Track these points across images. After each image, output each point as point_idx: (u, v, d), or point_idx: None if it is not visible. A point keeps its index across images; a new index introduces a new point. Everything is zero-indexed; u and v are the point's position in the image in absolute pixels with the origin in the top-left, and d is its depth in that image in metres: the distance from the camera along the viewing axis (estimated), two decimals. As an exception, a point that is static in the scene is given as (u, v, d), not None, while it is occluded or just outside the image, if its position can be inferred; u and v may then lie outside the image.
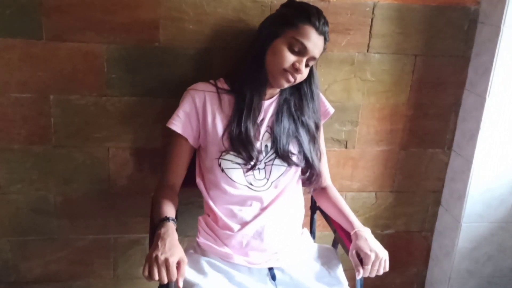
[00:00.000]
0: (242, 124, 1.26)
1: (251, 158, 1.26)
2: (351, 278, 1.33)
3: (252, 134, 1.26)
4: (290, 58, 1.21)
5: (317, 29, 1.20)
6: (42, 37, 1.37)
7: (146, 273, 1.05)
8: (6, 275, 1.63)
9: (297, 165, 1.32)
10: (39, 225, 1.58)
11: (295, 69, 1.21)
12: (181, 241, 1.63)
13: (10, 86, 1.41)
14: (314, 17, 1.21)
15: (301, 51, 1.21)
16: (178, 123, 1.29)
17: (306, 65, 1.24)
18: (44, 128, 1.47)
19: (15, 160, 1.49)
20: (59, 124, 1.47)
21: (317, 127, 1.35)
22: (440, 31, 1.56)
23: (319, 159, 1.36)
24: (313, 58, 1.24)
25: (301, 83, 1.30)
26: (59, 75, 1.42)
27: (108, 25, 1.39)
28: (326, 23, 1.24)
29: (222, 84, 1.33)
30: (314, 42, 1.20)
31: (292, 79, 1.24)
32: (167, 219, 1.17)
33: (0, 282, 1.63)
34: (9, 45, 1.37)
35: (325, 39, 1.24)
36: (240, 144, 1.26)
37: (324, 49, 1.27)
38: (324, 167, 1.42)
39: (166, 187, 1.31)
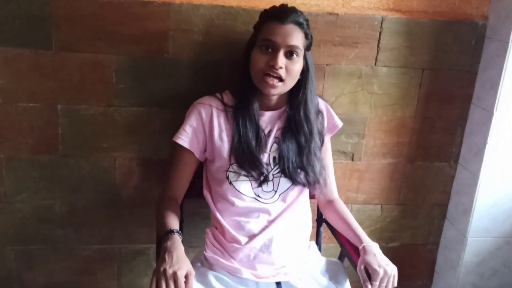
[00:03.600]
0: (242, 141, 1.26)
1: (260, 175, 1.26)
2: (357, 292, 1.33)
3: (255, 149, 1.26)
4: (263, 59, 1.20)
5: (280, 20, 1.19)
6: (51, 47, 1.38)
7: (154, 287, 1.04)
8: (10, 284, 1.62)
9: (302, 183, 1.32)
10: (44, 234, 1.57)
11: (270, 67, 1.19)
12: (186, 251, 1.62)
13: (18, 95, 1.41)
14: (275, 12, 1.22)
15: (273, 48, 1.20)
16: (185, 138, 1.29)
17: (290, 59, 1.21)
18: (52, 137, 1.47)
19: (21, 169, 1.49)
20: (66, 134, 1.47)
21: (312, 135, 1.31)
22: (447, 46, 1.57)
23: (320, 171, 1.33)
24: (292, 48, 1.20)
25: (297, 92, 1.27)
26: (68, 85, 1.42)
27: (118, 36, 1.39)
28: (291, 11, 1.21)
29: (228, 97, 1.33)
30: (281, 33, 1.19)
31: (273, 82, 1.21)
32: (172, 231, 1.16)
33: (4, 291, 1.63)
34: (19, 55, 1.37)
35: (299, 25, 1.21)
36: (247, 162, 1.26)
37: (307, 35, 1.23)
38: (331, 180, 1.41)
39: (169, 199, 1.31)
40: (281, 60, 1.20)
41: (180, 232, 1.18)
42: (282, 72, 1.21)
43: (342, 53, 1.52)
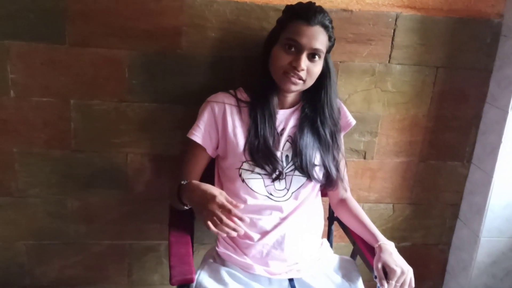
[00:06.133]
0: (259, 135, 1.25)
1: (274, 170, 1.26)
2: (369, 291, 1.33)
3: (271, 144, 1.26)
4: (286, 59, 1.19)
5: (308, 21, 1.17)
6: (65, 42, 1.38)
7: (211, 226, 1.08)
8: (21, 278, 1.62)
9: (317, 180, 1.31)
10: (56, 229, 1.58)
11: (293, 67, 1.19)
12: (197, 248, 1.64)
13: (31, 90, 1.41)
14: (302, 11, 1.19)
15: (297, 48, 1.19)
16: (199, 134, 1.29)
17: (312, 61, 1.20)
18: (64, 132, 1.47)
19: (34, 164, 1.49)
20: (79, 129, 1.47)
21: (334, 136, 1.33)
22: (462, 44, 1.55)
23: (337, 169, 1.34)
24: (316, 51, 1.19)
25: (318, 90, 1.28)
26: (81, 80, 1.42)
27: (131, 31, 1.39)
28: (319, 12, 1.20)
29: (241, 94, 1.32)
30: (307, 35, 1.17)
31: (295, 80, 1.20)
32: (182, 184, 1.20)
33: (14, 286, 1.63)
34: (32, 49, 1.37)
35: (325, 28, 1.20)
36: (262, 157, 1.25)
37: (330, 37, 1.23)
38: (344, 178, 1.40)
39: None
40: (304, 62, 1.19)
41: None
42: (303, 74, 1.21)
43: (356, 50, 1.51)
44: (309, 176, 1.29)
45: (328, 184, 1.34)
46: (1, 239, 1.56)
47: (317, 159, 1.30)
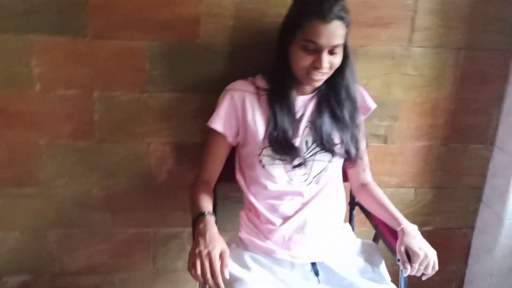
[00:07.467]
0: (278, 127, 1.25)
1: (294, 159, 1.27)
2: (391, 275, 1.33)
3: (290, 136, 1.26)
4: (307, 60, 1.17)
5: (324, 19, 1.13)
6: (87, 34, 1.40)
7: (191, 269, 1.05)
8: (50, 266, 1.67)
9: (341, 156, 1.31)
10: (82, 218, 1.62)
11: (315, 68, 1.18)
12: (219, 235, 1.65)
13: (56, 83, 1.44)
14: (317, 9, 1.13)
15: (316, 49, 1.16)
16: (219, 122, 1.30)
17: (333, 54, 1.18)
18: (88, 123, 1.50)
19: (60, 155, 1.53)
20: (102, 120, 1.50)
21: (353, 116, 1.32)
22: (484, 24, 1.53)
23: (357, 148, 1.33)
24: (336, 47, 1.17)
25: (336, 74, 1.26)
26: (103, 72, 1.45)
27: (151, 22, 1.41)
28: (333, 4, 1.14)
29: (260, 81, 1.33)
30: (326, 34, 1.14)
31: (318, 77, 1.20)
32: (203, 214, 1.18)
33: (45, 274, 1.68)
34: (56, 42, 1.40)
35: (341, 20, 1.15)
36: (281, 148, 1.26)
37: (347, 25, 1.18)
38: (364, 158, 1.40)
39: (202, 183, 1.33)
40: (326, 60, 1.17)
41: (212, 213, 1.20)
42: (326, 70, 1.20)
43: (376, 34, 1.49)
44: (332, 153, 1.29)
45: (348, 160, 1.34)
46: (32, 228, 1.61)
47: (337, 138, 1.30)
